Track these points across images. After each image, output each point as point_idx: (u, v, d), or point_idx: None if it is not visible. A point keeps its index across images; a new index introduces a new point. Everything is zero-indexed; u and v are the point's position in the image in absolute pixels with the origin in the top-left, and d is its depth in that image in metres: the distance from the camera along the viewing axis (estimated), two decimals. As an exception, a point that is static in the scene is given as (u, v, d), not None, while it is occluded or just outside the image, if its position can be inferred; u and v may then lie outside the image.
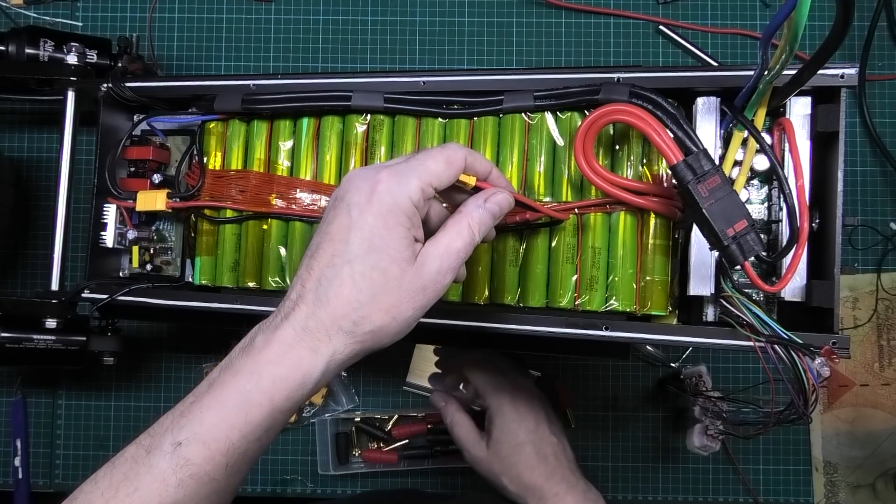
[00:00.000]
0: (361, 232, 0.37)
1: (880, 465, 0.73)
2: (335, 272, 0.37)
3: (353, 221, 0.38)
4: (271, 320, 0.39)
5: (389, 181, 0.38)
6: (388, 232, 0.37)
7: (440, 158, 0.40)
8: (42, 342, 0.61)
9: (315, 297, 0.37)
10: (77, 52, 0.64)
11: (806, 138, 0.51)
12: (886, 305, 0.72)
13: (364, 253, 0.37)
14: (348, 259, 0.37)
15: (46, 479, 0.75)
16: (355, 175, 0.39)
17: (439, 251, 0.39)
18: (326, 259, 0.38)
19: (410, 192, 0.38)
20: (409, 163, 0.39)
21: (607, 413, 0.74)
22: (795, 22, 0.37)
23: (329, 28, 0.76)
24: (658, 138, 0.46)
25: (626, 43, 0.74)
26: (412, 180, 0.38)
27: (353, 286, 0.37)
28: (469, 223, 0.41)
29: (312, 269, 0.38)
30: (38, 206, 0.76)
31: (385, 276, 0.37)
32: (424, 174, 0.39)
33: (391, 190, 0.38)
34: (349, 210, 0.38)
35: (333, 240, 0.38)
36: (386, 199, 0.37)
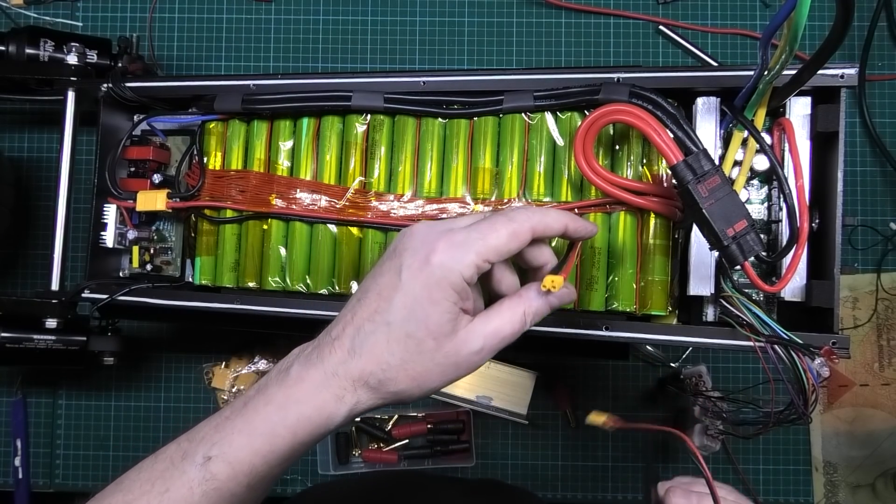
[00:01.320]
0: (406, 298, 0.37)
1: (880, 465, 0.73)
2: (373, 328, 0.38)
3: (402, 284, 0.38)
4: (311, 351, 0.39)
5: (445, 252, 0.37)
6: (432, 305, 0.37)
7: (503, 233, 0.38)
8: (42, 342, 0.61)
9: (350, 346, 0.38)
10: (77, 52, 0.64)
11: (806, 138, 0.51)
12: (886, 305, 0.72)
13: (403, 319, 0.37)
14: (388, 320, 0.38)
15: (46, 479, 0.75)
16: (417, 231, 0.39)
17: (486, 332, 0.39)
18: (370, 311, 0.38)
19: (463, 267, 0.37)
20: (471, 234, 0.38)
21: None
22: (795, 22, 0.37)
23: (329, 28, 0.76)
24: (658, 138, 0.46)
25: (626, 43, 0.74)
26: (468, 255, 0.37)
27: (387, 347, 0.38)
28: (525, 311, 0.40)
29: (356, 314, 0.39)
30: (38, 206, 0.76)
31: (419, 347, 0.38)
32: (483, 249, 0.37)
33: (443, 263, 0.37)
34: (400, 271, 0.38)
35: (381, 295, 0.38)
36: (437, 271, 0.37)
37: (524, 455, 0.74)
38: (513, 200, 0.53)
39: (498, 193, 0.54)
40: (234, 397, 0.73)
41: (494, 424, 0.74)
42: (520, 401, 0.72)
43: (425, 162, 0.55)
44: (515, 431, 0.74)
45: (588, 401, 0.74)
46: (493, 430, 0.74)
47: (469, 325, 0.39)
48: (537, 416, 0.74)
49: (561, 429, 0.74)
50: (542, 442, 0.74)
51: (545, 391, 0.73)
